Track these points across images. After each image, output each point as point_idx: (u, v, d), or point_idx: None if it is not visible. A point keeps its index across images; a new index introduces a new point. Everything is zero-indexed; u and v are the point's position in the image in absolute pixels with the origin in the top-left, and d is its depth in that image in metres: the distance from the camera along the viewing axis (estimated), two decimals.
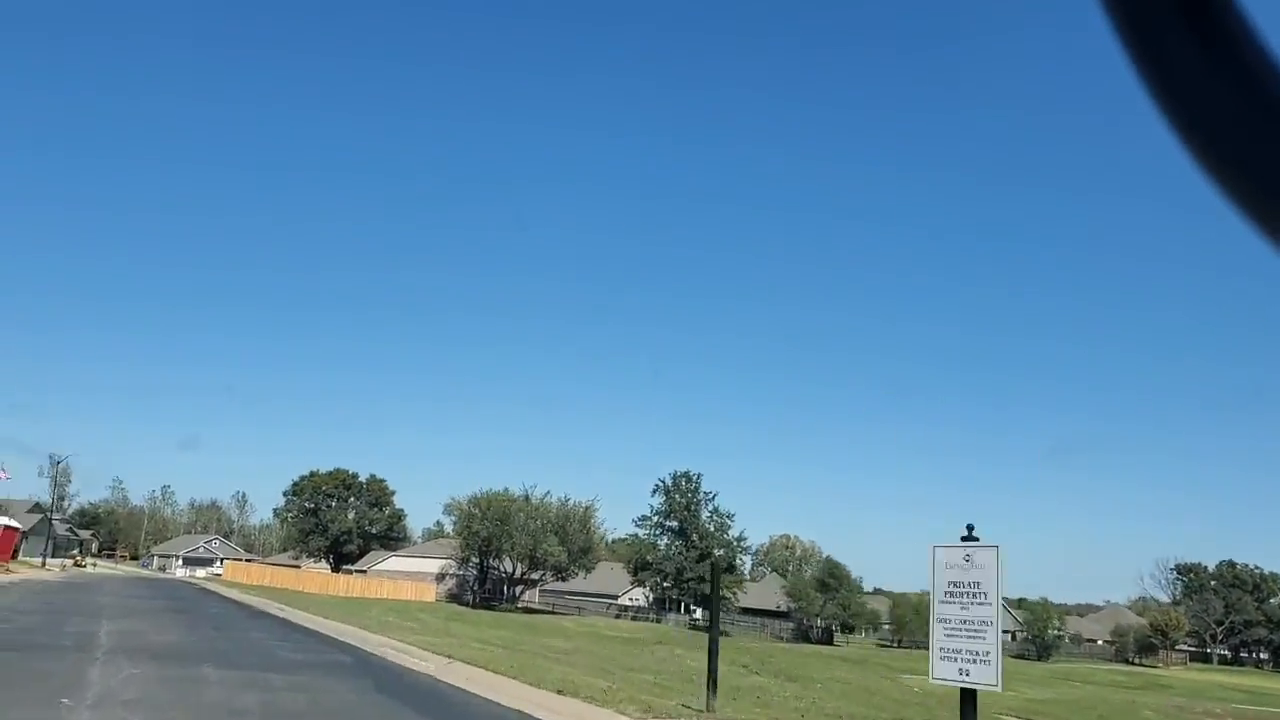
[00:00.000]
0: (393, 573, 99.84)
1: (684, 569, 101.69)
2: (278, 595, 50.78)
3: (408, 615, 60.11)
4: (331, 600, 61.02)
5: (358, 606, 60.30)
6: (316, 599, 57.25)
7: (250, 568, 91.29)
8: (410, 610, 64.40)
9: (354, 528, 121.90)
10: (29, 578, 47.39)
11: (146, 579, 63.07)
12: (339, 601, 61.38)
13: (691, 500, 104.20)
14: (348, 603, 61.90)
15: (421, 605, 76.46)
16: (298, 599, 48.66)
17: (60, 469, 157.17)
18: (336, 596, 77.99)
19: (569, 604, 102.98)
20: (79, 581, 47.55)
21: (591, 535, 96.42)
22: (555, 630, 67.32)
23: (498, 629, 61.68)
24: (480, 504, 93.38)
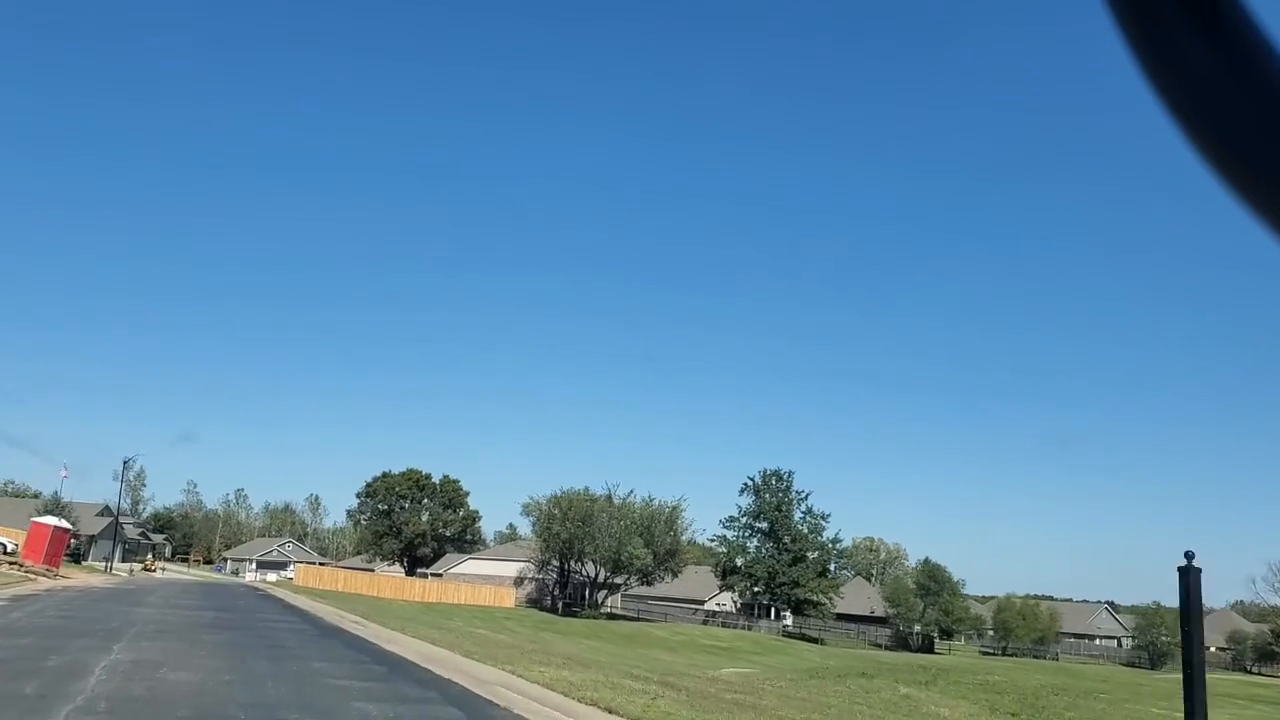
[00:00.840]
0: (469, 576, 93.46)
1: (776, 572, 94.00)
2: (352, 603, 44.25)
3: (493, 623, 53.36)
4: (409, 608, 54.44)
5: (440, 614, 53.60)
6: (394, 607, 50.72)
7: (323, 571, 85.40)
8: (495, 618, 57.69)
9: (428, 530, 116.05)
10: (74, 584, 41.32)
11: (210, 584, 57.03)
12: (418, 609, 54.81)
13: (783, 500, 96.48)
14: (428, 611, 55.32)
15: (505, 613, 69.80)
16: (375, 608, 42.12)
17: (135, 472, 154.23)
18: (413, 602, 71.63)
19: (653, 610, 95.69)
20: (129, 588, 41.42)
21: (678, 537, 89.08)
22: (653, 640, 60.23)
23: (594, 639, 54.76)
24: (561, 504, 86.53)
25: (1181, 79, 0.83)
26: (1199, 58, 0.82)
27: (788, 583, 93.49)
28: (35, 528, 47.91)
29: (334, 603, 41.31)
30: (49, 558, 47.32)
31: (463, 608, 68.35)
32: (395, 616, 34.44)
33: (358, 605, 42.54)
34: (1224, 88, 0.82)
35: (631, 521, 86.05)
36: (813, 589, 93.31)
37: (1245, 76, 0.81)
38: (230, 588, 51.35)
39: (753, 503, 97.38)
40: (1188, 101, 0.82)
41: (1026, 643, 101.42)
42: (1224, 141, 0.82)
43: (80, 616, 23.53)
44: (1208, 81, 0.82)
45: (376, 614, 33.95)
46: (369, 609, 39.56)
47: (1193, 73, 0.82)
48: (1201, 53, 0.82)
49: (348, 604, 42.54)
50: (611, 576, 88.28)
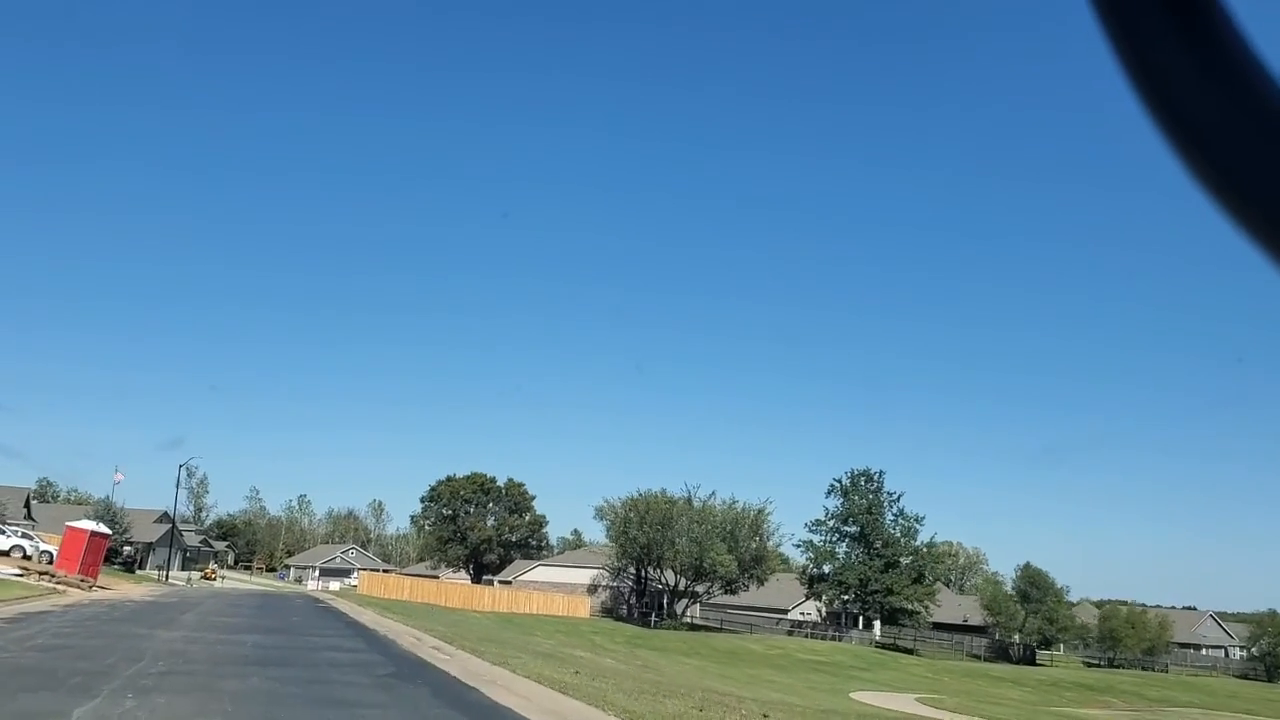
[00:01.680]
0: (539, 584, 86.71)
1: (868, 579, 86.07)
2: (423, 617, 37.53)
3: (580, 638, 46.44)
4: (486, 621, 47.76)
5: (520, 629, 46.84)
6: (472, 622, 44.08)
7: (387, 579, 79.18)
8: (580, 632, 50.84)
9: (493, 535, 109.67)
10: (108, 597, 35.13)
11: (268, 595, 50.74)
12: (496, 623, 48.11)
13: (874, 502, 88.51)
14: (506, 624, 48.62)
15: (585, 626, 62.90)
16: (452, 625, 35.43)
17: (198, 479, 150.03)
18: (485, 612, 65.08)
19: (734, 619, 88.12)
20: (170, 601, 35.11)
21: (764, 542, 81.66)
22: (755, 658, 52.91)
23: (695, 657, 47.61)
24: (638, 507, 79.50)
25: (1167, 90, 0.81)
26: (1182, 66, 0.81)
27: (880, 590, 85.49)
28: (70, 534, 41.89)
29: (403, 617, 34.74)
30: (86, 566, 41.27)
31: (540, 619, 61.57)
32: (481, 636, 27.65)
33: (431, 620, 35.85)
34: (1208, 100, 0.80)
35: (713, 525, 78.87)
36: (907, 597, 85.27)
37: (1230, 88, 0.80)
38: (289, 599, 44.96)
39: (841, 505, 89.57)
40: (1172, 114, 0.81)
41: (1136, 653, 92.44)
42: (1209, 153, 0.80)
43: (76, 646, 17.01)
44: (1193, 93, 0.80)
45: (458, 634, 27.14)
46: (446, 626, 32.86)
47: (1177, 84, 0.81)
48: (1184, 61, 0.81)
49: (419, 618, 35.91)
50: (692, 584, 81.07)
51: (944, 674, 65.43)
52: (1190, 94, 0.81)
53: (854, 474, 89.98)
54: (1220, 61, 0.81)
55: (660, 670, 30.37)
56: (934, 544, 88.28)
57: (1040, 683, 65.31)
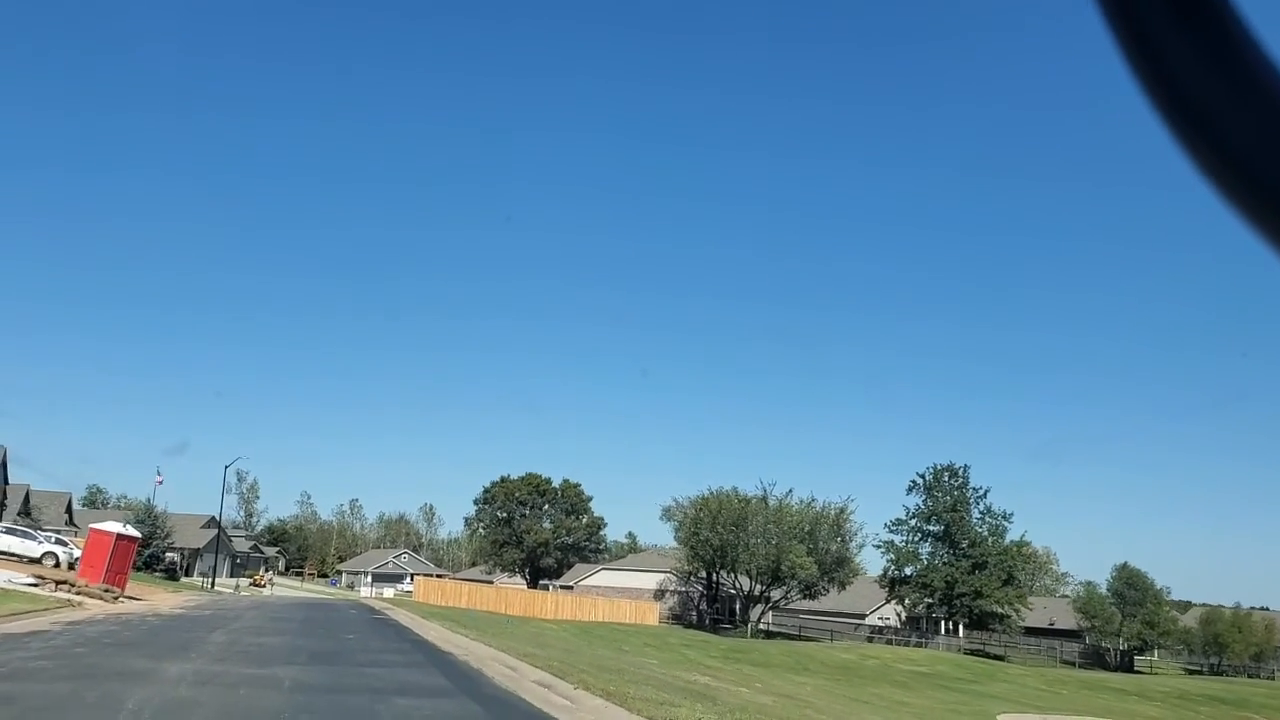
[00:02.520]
0: (603, 589, 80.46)
1: (955, 581, 78.91)
2: (497, 631, 31.35)
3: (671, 653, 40.02)
4: (561, 632, 41.53)
5: (603, 640, 40.56)
6: (549, 635, 37.89)
7: (444, 585, 73.29)
8: (667, 643, 44.47)
9: (550, 538, 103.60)
10: (131, 611, 29.30)
11: (317, 604, 44.85)
12: (573, 633, 41.93)
13: (958, 499, 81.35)
14: (585, 635, 42.39)
15: (661, 634, 56.52)
16: (533, 640, 29.28)
17: (248, 484, 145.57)
18: (551, 621, 58.91)
19: (810, 625, 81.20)
20: (203, 616, 29.17)
21: (846, 543, 74.81)
22: (867, 671, 46.22)
23: (803, 674, 40.66)
24: (709, 506, 73.01)
25: (1171, 82, 0.79)
26: (1186, 58, 0.79)
27: (968, 593, 78.26)
28: (94, 537, 36.20)
29: (476, 632, 28.67)
30: (112, 574, 35.54)
31: (611, 629, 55.19)
32: (586, 663, 21.35)
33: (508, 636, 29.66)
34: (1213, 92, 0.79)
35: (790, 526, 72.19)
36: (998, 600, 77.98)
37: (1235, 80, 0.79)
38: (340, 609, 38.99)
39: (923, 503, 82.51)
40: (1177, 106, 0.79)
41: (1244, 659, 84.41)
42: (1210, 141, 0.78)
43: (21, 698, 10.96)
44: (1197, 85, 0.79)
45: (552, 657, 20.86)
46: (532, 645, 26.71)
47: (1182, 76, 0.79)
48: (1188, 52, 0.79)
49: (493, 633, 29.79)
50: (768, 589, 74.44)
51: (1057, 685, 58.25)
52: (1193, 82, 0.79)
53: (936, 469, 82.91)
54: (1224, 49, 0.79)
55: (803, 699, 23.94)
56: (1024, 543, 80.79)
57: (1165, 695, 57.90)
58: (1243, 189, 0.78)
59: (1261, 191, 0.78)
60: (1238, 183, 0.78)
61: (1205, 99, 0.78)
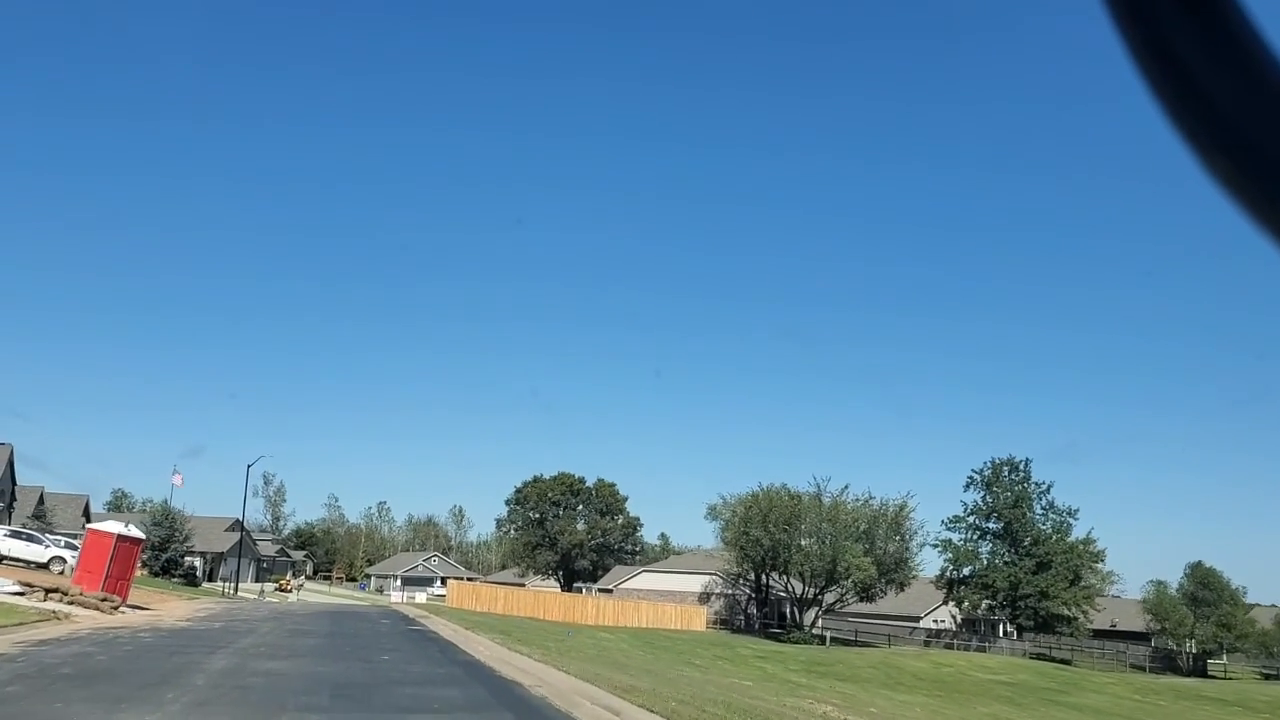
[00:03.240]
0: (644, 592, 75.19)
1: (1019, 581, 73.23)
2: (552, 645, 26.21)
3: (746, 666, 34.84)
4: (621, 643, 36.31)
5: (668, 651, 35.39)
6: (607, 644, 32.72)
7: (479, 589, 68.29)
8: (736, 654, 39.21)
9: (585, 539, 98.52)
10: (125, 624, 24.38)
11: (345, 611, 39.77)
12: (630, 642, 36.75)
13: (1021, 495, 75.65)
14: (643, 644, 37.20)
15: (718, 641, 51.20)
16: (607, 659, 24.17)
17: (274, 487, 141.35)
18: (599, 627, 53.76)
19: (862, 629, 75.59)
20: (212, 629, 24.16)
21: (906, 542, 69.22)
22: (969, 685, 40.82)
23: (900, 689, 35.49)
24: (759, 504, 67.62)
25: (1179, 80, 0.78)
26: (1194, 53, 0.78)
27: (1033, 594, 72.59)
28: (92, 538, 31.26)
29: (531, 645, 23.64)
30: (113, 581, 30.54)
31: (666, 636, 49.98)
32: (685, 693, 16.15)
33: (570, 653, 24.54)
34: (1221, 89, 0.77)
35: (845, 524, 66.65)
36: (1065, 601, 72.27)
37: (1242, 77, 0.77)
38: (370, 618, 33.91)
39: (982, 499, 76.90)
40: (1184, 103, 0.78)
41: None
42: (1215, 136, 0.77)
43: None
44: (1205, 82, 0.77)
45: (672, 698, 15.59)
46: (603, 664, 21.59)
47: (1190, 73, 0.78)
48: (1196, 48, 0.78)
49: (551, 647, 24.71)
50: (822, 592, 68.93)
51: (1148, 694, 52.46)
52: (1201, 79, 0.77)
53: (995, 464, 77.25)
54: (1231, 46, 0.78)
55: (886, 710, 18.66)
56: (1089, 540, 74.92)
57: (1270, 704, 52.04)
58: (1251, 186, 0.77)
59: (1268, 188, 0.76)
60: (1245, 179, 0.76)
61: (1212, 95, 0.76)
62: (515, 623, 38.05)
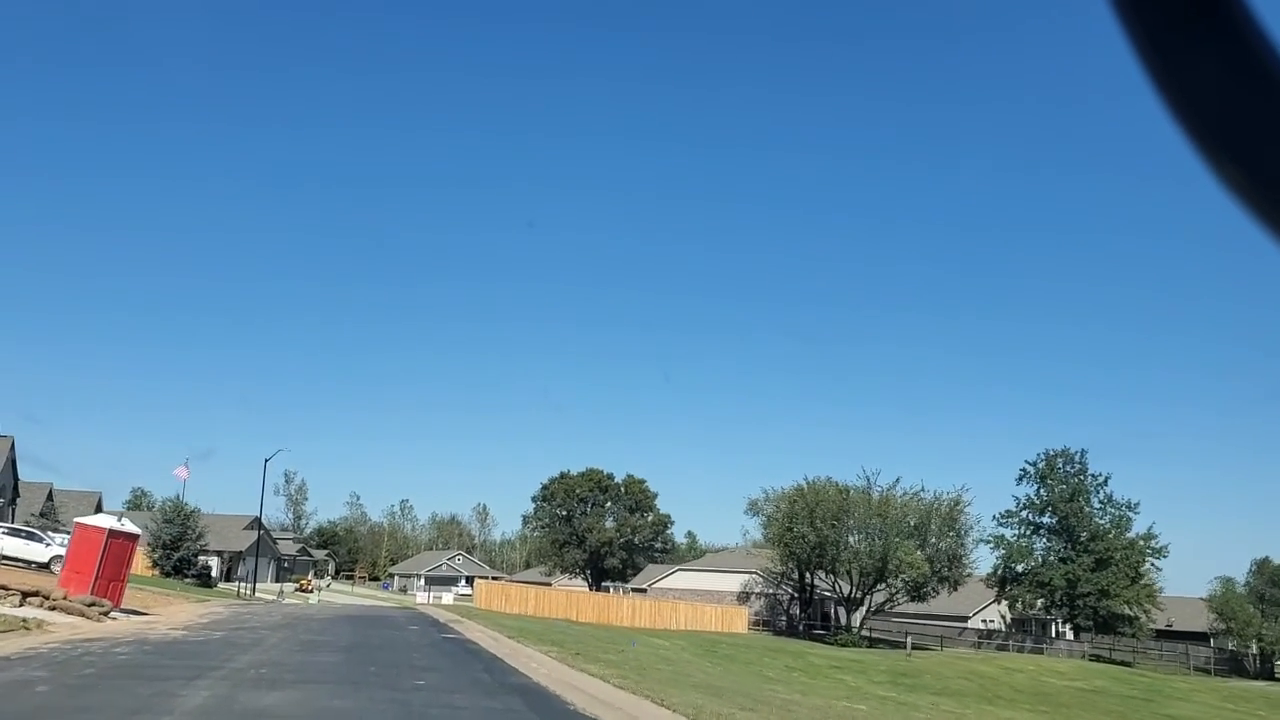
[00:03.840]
0: (679, 592, 70.73)
1: (1077, 579, 68.37)
2: (624, 663, 21.81)
3: (818, 674, 30.74)
4: (683, 653, 31.90)
5: (725, 658, 31.00)
6: (662, 652, 28.31)
7: (508, 589, 63.96)
8: (809, 665, 34.69)
9: (614, 537, 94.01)
10: (114, 634, 20.32)
11: (367, 615, 35.44)
12: (695, 651, 32.35)
13: (1077, 488, 70.77)
14: (703, 650, 32.80)
15: (770, 645, 46.75)
16: (688, 676, 19.78)
17: (296, 486, 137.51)
18: (639, 630, 49.33)
19: (916, 631, 70.70)
20: (209, 641, 19.94)
21: (961, 538, 64.49)
22: (1067, 696, 36.24)
23: (1003, 705, 30.91)
24: (805, 498, 63.05)
25: (1186, 83, 0.76)
26: (1202, 57, 0.76)
27: (1092, 592, 67.71)
28: (80, 534, 27.02)
29: (594, 661, 19.34)
30: (104, 582, 26.33)
31: (711, 640, 45.47)
32: (735, 681, 11.70)
33: (649, 671, 20.15)
34: (1227, 91, 0.75)
35: (894, 520, 61.95)
36: (1127, 599, 67.38)
37: (1248, 79, 0.75)
38: (397, 624, 29.57)
39: (1036, 493, 72.06)
40: (1191, 105, 0.76)
41: None
42: (1225, 141, 0.75)
43: None
44: (1211, 86, 0.76)
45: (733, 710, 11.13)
46: (679, 680, 17.23)
47: (1197, 77, 0.76)
48: (1204, 52, 0.76)
49: (626, 664, 20.37)
50: (870, 591, 64.29)
51: (1238, 702, 47.76)
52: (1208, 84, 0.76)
53: (1049, 455, 72.42)
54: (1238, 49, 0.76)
55: None
56: (1151, 535, 69.98)
57: None
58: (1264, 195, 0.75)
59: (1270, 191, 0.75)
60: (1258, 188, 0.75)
61: (1223, 104, 0.75)
62: (557, 628, 33.70)
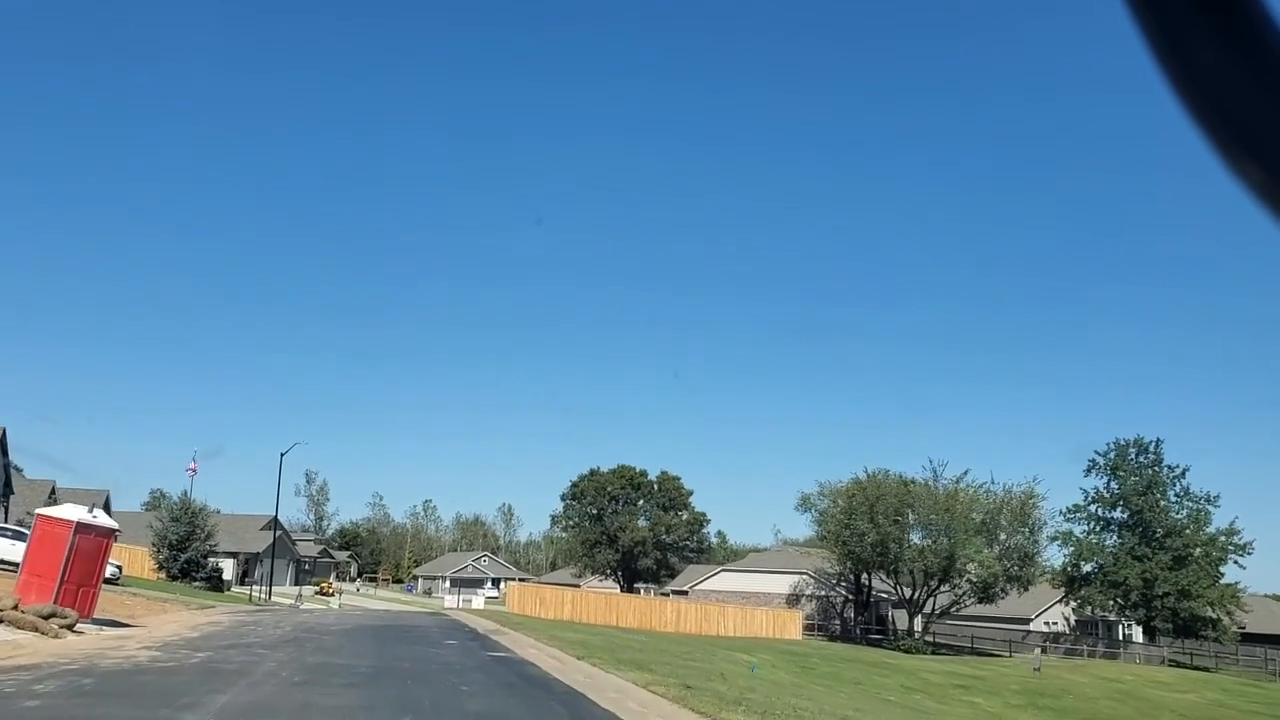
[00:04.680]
0: (723, 594, 65.00)
1: (1154, 578, 62.17)
2: (735, 694, 16.19)
3: (950, 699, 25.18)
4: (770, 664, 26.22)
5: (826, 675, 25.32)
6: (778, 681, 22.62)
7: (543, 592, 58.41)
8: (929, 682, 29.53)
9: (648, 536, 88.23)
10: (47, 661, 14.47)
11: (391, 624, 29.83)
12: (787, 668, 26.62)
13: (1153, 479, 64.57)
14: (798, 668, 27.12)
15: (841, 655, 40.89)
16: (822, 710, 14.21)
17: (317, 486, 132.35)
18: (687, 637, 43.65)
19: (980, 634, 64.66)
20: (186, 668, 14.71)
21: (1035, 535, 58.44)
22: (1212, 713, 30.37)
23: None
24: (865, 492, 57.23)
25: (1200, 79, 0.75)
26: (1215, 53, 0.74)
27: (1171, 593, 61.49)
28: (42, 529, 21.34)
29: (698, 686, 13.83)
30: (70, 588, 20.84)
31: (794, 653, 39.74)
32: None
33: (769, 705, 14.51)
34: (1242, 88, 0.74)
35: (960, 515, 56.01)
36: (1210, 600, 61.14)
37: (1263, 75, 0.74)
38: (428, 635, 24.01)
39: (1106, 486, 65.88)
40: (1205, 101, 0.75)
41: None
42: (1237, 136, 0.74)
43: None
44: (1226, 81, 0.74)
45: None
46: (781, 711, 11.58)
47: (1211, 71, 0.74)
48: (1218, 48, 0.74)
49: (724, 693, 14.78)
50: (934, 593, 58.37)
51: None
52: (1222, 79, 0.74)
53: (1119, 445, 66.15)
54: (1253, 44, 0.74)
55: None
56: (1234, 530, 63.65)
57: None
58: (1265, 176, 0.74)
59: None
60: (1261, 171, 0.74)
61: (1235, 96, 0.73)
62: (624, 641, 28.07)
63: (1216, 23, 0.74)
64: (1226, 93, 0.73)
